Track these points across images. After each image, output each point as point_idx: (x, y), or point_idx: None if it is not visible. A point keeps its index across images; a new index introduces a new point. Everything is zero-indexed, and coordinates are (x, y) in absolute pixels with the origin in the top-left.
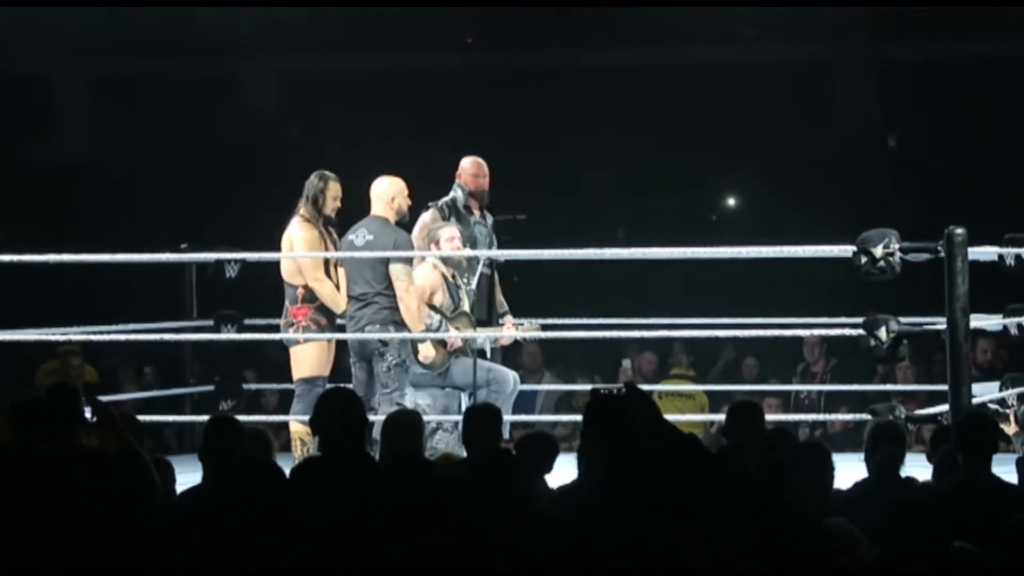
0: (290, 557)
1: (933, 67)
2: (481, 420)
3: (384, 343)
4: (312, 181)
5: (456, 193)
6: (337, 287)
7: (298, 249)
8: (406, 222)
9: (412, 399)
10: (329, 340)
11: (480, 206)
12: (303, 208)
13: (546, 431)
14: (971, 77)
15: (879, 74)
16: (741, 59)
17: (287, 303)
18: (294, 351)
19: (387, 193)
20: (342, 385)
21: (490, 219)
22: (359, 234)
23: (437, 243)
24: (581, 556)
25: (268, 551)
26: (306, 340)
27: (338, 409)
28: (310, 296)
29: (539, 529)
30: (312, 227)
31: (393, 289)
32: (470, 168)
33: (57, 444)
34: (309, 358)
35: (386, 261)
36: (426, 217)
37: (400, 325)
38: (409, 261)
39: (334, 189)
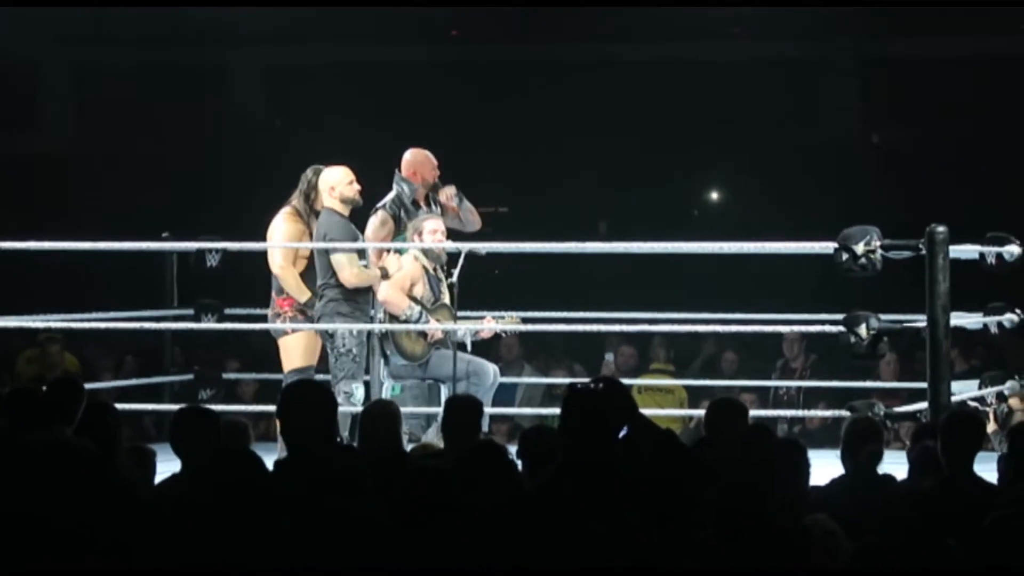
0: (269, 549)
1: (917, 65)
2: (461, 411)
3: (330, 334)
4: (306, 174)
5: (402, 188)
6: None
7: (276, 240)
8: (360, 207)
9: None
10: (316, 331)
11: (426, 197)
12: (295, 200)
13: (549, 425)
14: (955, 76)
15: (864, 72)
16: (726, 56)
17: (273, 294)
18: (283, 342)
19: (325, 183)
20: (306, 377)
21: (438, 208)
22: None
23: (420, 235)
24: (555, 552)
25: (247, 542)
26: (293, 331)
27: (305, 400)
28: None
29: (515, 524)
30: (297, 221)
31: (338, 280)
32: (425, 161)
33: (44, 434)
34: (298, 348)
35: (328, 252)
36: (375, 220)
37: (347, 316)
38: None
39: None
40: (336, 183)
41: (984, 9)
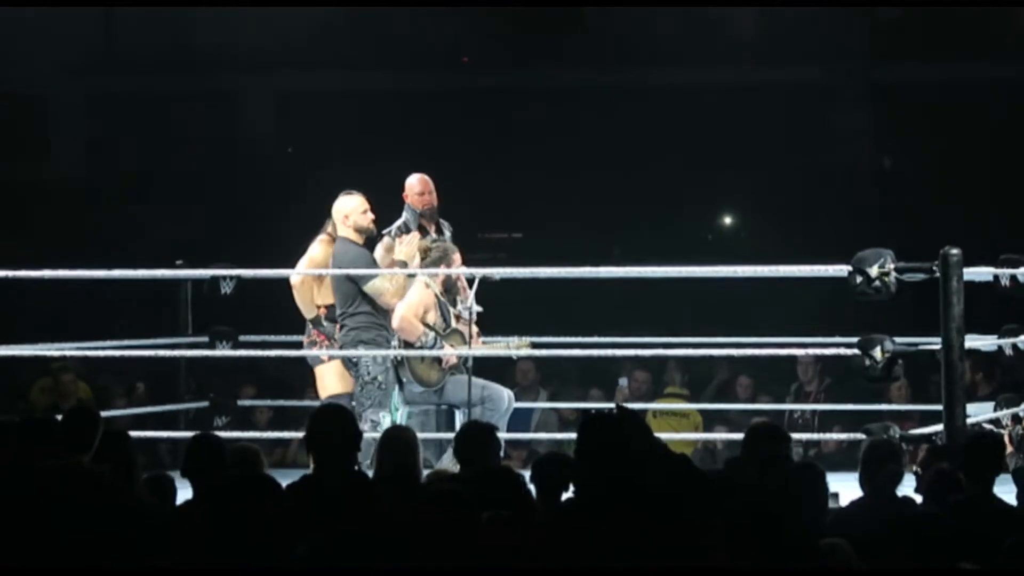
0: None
1: (929, 91)
2: (475, 437)
3: (354, 363)
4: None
5: (406, 216)
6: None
7: (303, 259)
8: (374, 236)
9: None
10: (346, 358)
11: (434, 223)
12: (330, 227)
13: (562, 452)
14: (966, 100)
15: (875, 97)
16: (739, 80)
17: (310, 326)
18: (318, 371)
19: (339, 213)
20: (334, 402)
21: (448, 231)
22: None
23: (450, 264)
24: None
25: (261, 564)
26: (330, 358)
27: (330, 426)
28: (331, 316)
29: (533, 547)
30: (329, 246)
31: (360, 308)
32: (416, 187)
33: (61, 462)
34: (332, 376)
35: (348, 281)
36: (379, 248)
37: (368, 344)
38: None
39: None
40: (350, 212)
41: (996, 34)
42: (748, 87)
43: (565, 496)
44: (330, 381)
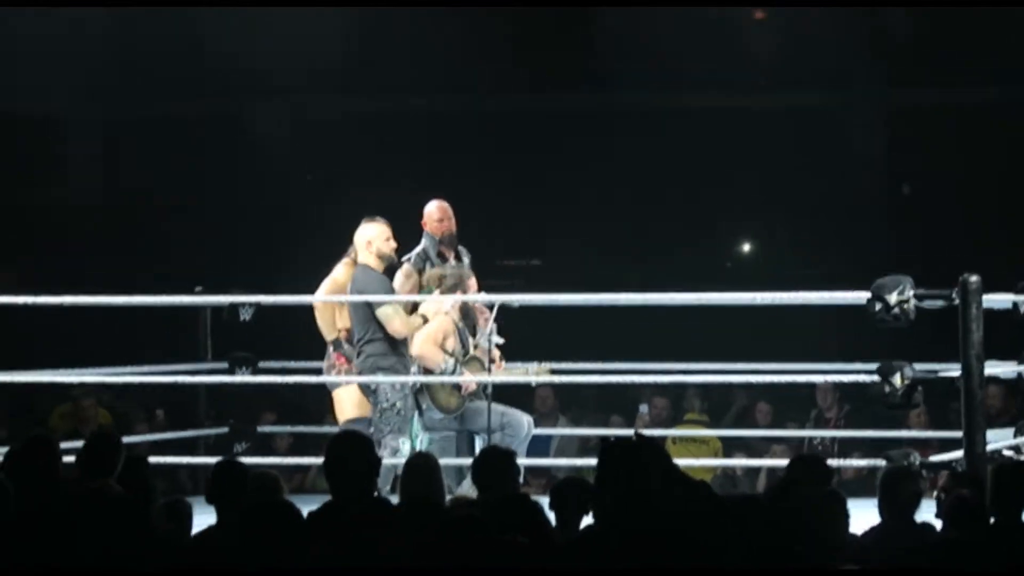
0: None
1: (946, 114)
2: (494, 463)
3: (373, 389)
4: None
5: (425, 243)
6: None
7: (325, 283)
8: (396, 264)
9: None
10: (365, 384)
11: (452, 249)
12: (352, 251)
13: (580, 476)
14: (984, 124)
15: (892, 122)
16: (756, 105)
17: (330, 348)
18: (336, 394)
19: (362, 239)
20: (351, 429)
21: (467, 258)
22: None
23: (466, 291)
24: None
25: None
26: (348, 383)
27: (347, 452)
28: (351, 339)
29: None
30: (353, 269)
31: (377, 335)
32: (435, 213)
33: (89, 485)
34: (351, 400)
35: (365, 306)
36: (399, 275)
37: (387, 371)
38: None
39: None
40: (374, 238)
41: (1012, 56)
42: (765, 112)
43: (584, 520)
44: (348, 406)
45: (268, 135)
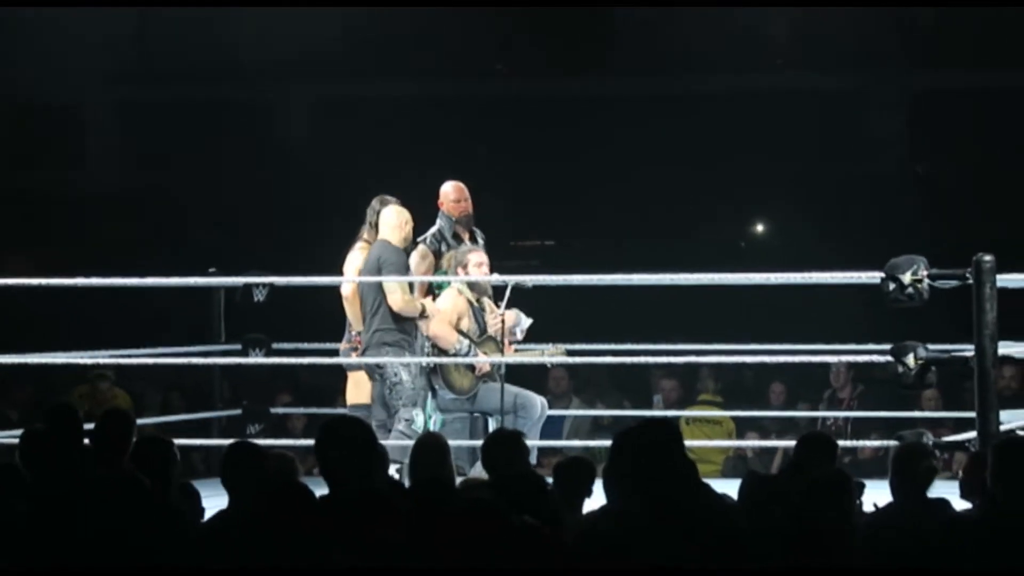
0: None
1: (963, 97)
2: (502, 444)
3: (380, 368)
4: (373, 206)
5: (440, 223)
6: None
7: (348, 271)
8: (410, 247)
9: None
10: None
11: (468, 230)
12: (366, 233)
13: (584, 456)
14: (1000, 107)
15: (909, 104)
16: (773, 87)
17: (352, 332)
18: (353, 375)
19: (387, 223)
20: (347, 412)
21: (481, 239)
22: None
23: (465, 268)
24: None
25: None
26: (361, 364)
27: (341, 437)
28: None
29: (562, 556)
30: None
31: (383, 307)
32: (451, 194)
33: (104, 469)
34: (357, 385)
35: (375, 283)
36: (415, 255)
37: (392, 347)
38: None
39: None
40: (397, 223)
41: None
42: (782, 93)
43: (587, 501)
44: (352, 391)
45: (285, 118)
